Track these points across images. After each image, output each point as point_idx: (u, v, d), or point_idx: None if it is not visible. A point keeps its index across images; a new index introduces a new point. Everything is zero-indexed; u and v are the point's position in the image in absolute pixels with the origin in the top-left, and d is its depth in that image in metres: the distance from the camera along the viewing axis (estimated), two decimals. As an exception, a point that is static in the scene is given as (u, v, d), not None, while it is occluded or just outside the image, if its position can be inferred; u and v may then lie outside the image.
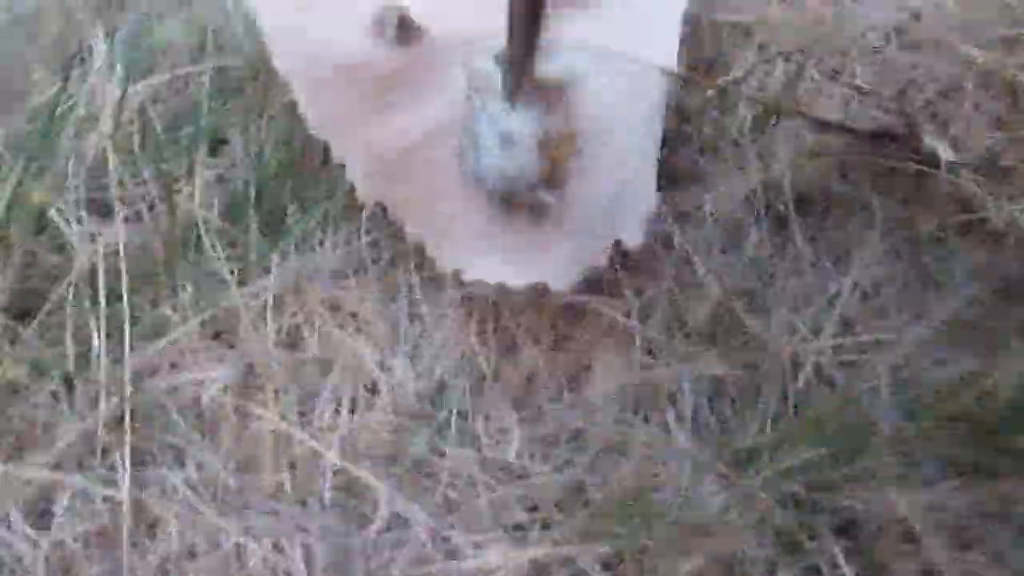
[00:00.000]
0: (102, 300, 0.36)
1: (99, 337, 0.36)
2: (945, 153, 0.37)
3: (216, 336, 0.37)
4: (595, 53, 0.38)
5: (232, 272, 0.37)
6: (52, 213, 0.38)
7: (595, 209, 0.36)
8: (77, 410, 0.35)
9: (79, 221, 0.38)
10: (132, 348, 0.36)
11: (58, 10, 0.45)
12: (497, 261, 0.36)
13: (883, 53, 0.42)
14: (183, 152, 0.40)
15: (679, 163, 0.40)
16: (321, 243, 0.39)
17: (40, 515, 0.33)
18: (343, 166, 0.38)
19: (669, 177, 0.39)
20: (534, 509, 0.33)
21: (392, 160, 0.38)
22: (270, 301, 0.37)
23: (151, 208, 0.39)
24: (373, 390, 0.36)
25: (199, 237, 0.38)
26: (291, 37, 0.39)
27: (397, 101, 0.38)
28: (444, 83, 0.38)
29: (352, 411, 0.36)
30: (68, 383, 0.35)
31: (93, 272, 0.37)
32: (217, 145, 0.41)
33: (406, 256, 0.38)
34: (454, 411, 0.36)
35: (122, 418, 0.34)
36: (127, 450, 0.34)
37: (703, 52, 0.42)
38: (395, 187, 0.38)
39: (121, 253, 0.37)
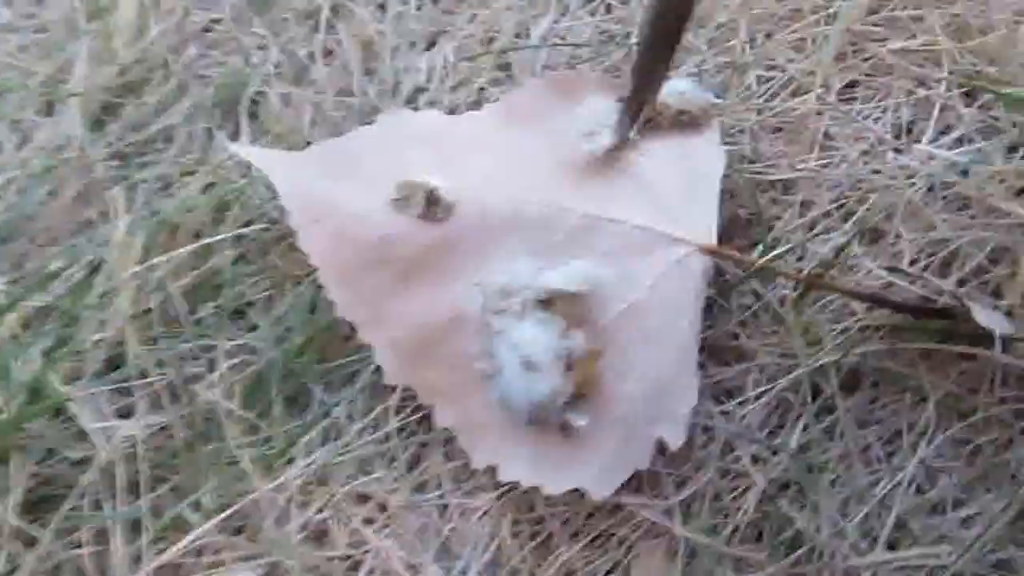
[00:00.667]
0: (120, 497, 0.35)
1: (117, 540, 0.34)
2: (999, 327, 0.36)
3: (239, 531, 0.36)
4: (629, 235, 0.37)
5: (255, 462, 0.36)
6: (70, 403, 0.36)
7: (633, 412, 0.34)
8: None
9: (97, 409, 0.37)
10: (153, 546, 0.35)
11: (77, 165, 0.44)
12: (532, 462, 0.34)
13: (928, 214, 0.40)
14: (204, 330, 0.39)
15: (716, 337, 0.38)
16: (348, 428, 0.37)
17: None
18: (371, 345, 0.37)
19: (708, 353, 0.38)
20: None
21: (417, 346, 0.36)
22: (295, 495, 0.36)
23: (172, 393, 0.38)
24: (403, 592, 0.35)
25: (221, 423, 0.37)
26: (314, 215, 0.38)
27: (422, 282, 0.37)
28: (470, 266, 0.37)
29: (381, 616, 0.34)
30: (85, 590, 0.34)
31: (113, 465, 0.36)
32: (240, 316, 0.40)
33: (436, 443, 0.37)
34: (488, 616, 0.34)
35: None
36: (147, 664, 0.33)
37: (739, 210, 0.41)
38: (422, 373, 0.36)
39: (139, 448, 0.36)
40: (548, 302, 0.35)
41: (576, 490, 0.34)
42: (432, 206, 0.37)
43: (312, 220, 0.38)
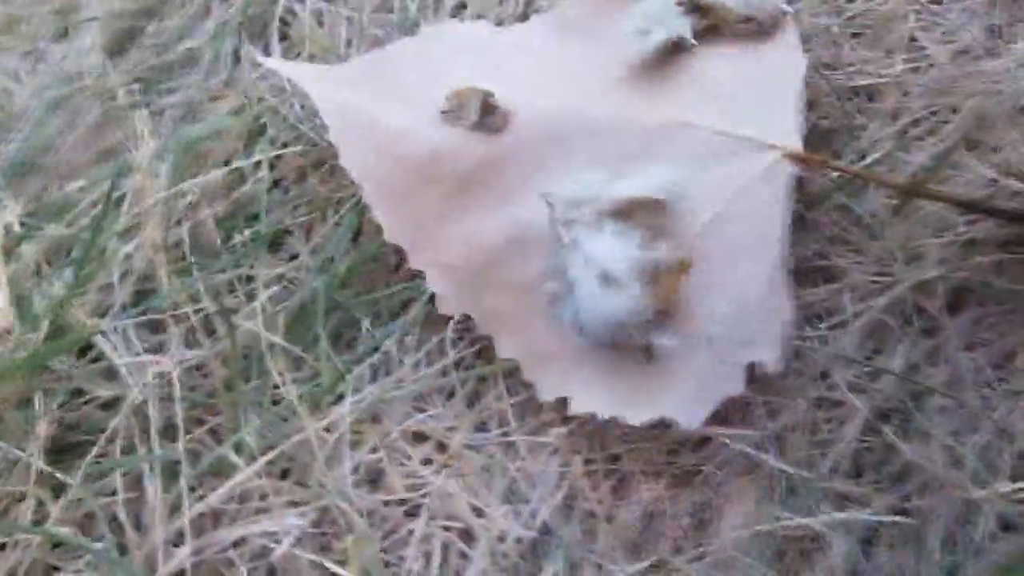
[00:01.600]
0: (155, 439, 0.32)
1: (154, 484, 0.31)
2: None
3: (285, 475, 0.32)
4: (709, 142, 0.33)
5: (301, 399, 0.33)
6: (98, 337, 0.33)
7: (723, 333, 0.31)
8: (133, 572, 0.30)
9: (128, 345, 0.34)
10: (192, 492, 0.32)
11: (96, 92, 0.41)
12: (609, 390, 0.31)
13: (1030, 117, 0.36)
14: (241, 259, 0.36)
15: (803, 256, 0.35)
16: (401, 362, 0.34)
17: None
18: (422, 273, 0.34)
19: (795, 274, 0.34)
20: None
21: (474, 270, 0.33)
22: (347, 434, 0.33)
23: (207, 325, 0.34)
24: (467, 537, 0.31)
25: (262, 358, 0.34)
26: (357, 131, 0.35)
27: (478, 200, 0.34)
28: (530, 180, 0.33)
29: (444, 563, 0.31)
30: (121, 540, 0.31)
31: (145, 405, 0.32)
32: (278, 245, 0.37)
33: (497, 376, 0.33)
34: (561, 562, 0.31)
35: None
36: (190, 618, 0.30)
37: (823, 120, 0.37)
38: (481, 300, 0.33)
39: (176, 384, 0.33)
40: (625, 212, 0.31)
41: (658, 422, 0.31)
42: (487, 114, 0.34)
43: (355, 136, 0.35)
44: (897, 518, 0.30)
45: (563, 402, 0.32)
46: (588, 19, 0.38)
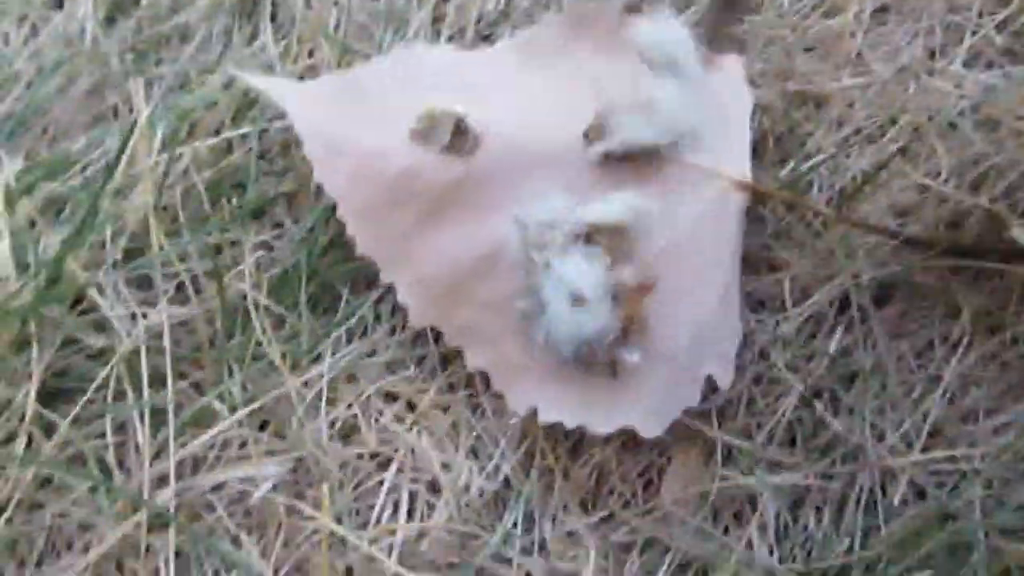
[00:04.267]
0: (144, 387, 0.34)
1: (141, 429, 0.34)
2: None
3: (265, 426, 0.35)
4: (664, 169, 0.36)
5: (282, 356, 0.35)
6: (91, 290, 0.35)
7: (680, 350, 0.33)
8: (117, 510, 0.32)
9: (119, 298, 0.36)
10: (176, 439, 0.34)
11: (90, 59, 0.42)
12: (576, 402, 0.33)
13: (959, 132, 0.40)
14: (228, 224, 0.38)
15: (751, 248, 0.38)
16: (376, 327, 0.36)
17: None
18: (393, 286, 0.36)
19: (742, 263, 0.37)
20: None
21: (446, 285, 0.35)
22: (324, 390, 0.35)
23: (195, 284, 0.36)
24: (434, 489, 0.34)
25: (247, 317, 0.36)
26: (331, 148, 0.36)
27: (450, 218, 0.35)
28: (501, 201, 0.35)
29: (411, 512, 0.34)
30: (107, 479, 0.33)
31: (135, 355, 0.34)
32: (263, 213, 0.39)
33: (467, 343, 0.36)
34: (520, 513, 0.34)
35: (165, 518, 0.32)
36: (172, 554, 0.32)
37: (773, 125, 0.41)
38: (452, 314, 0.35)
39: (165, 336, 0.35)
40: (591, 236, 0.33)
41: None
42: (458, 136, 0.35)
43: (329, 153, 0.36)
44: (823, 483, 0.33)
45: (533, 414, 0.34)
46: (551, 49, 0.40)
